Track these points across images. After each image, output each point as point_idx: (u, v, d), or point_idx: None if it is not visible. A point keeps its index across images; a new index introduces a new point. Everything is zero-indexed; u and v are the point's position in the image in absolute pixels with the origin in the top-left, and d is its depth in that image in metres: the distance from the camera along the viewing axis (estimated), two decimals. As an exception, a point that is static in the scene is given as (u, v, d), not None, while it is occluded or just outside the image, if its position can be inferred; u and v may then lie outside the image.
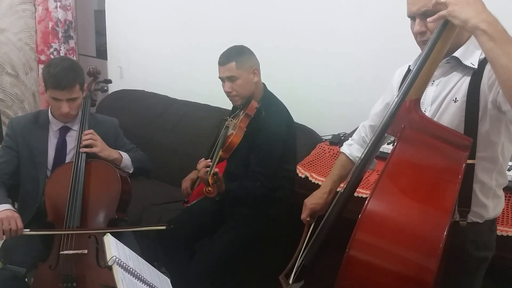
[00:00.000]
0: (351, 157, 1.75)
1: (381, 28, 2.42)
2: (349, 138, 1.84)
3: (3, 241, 2.05)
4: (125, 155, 2.19)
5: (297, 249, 1.63)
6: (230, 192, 2.06)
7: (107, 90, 2.35)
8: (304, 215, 1.71)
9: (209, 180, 1.89)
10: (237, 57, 2.12)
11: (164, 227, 1.95)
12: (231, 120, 2.14)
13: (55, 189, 2.01)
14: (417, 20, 1.37)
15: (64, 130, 2.16)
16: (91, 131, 2.09)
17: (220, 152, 2.02)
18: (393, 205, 1.22)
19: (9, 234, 1.83)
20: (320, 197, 1.72)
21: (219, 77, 2.18)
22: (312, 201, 1.72)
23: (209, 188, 1.90)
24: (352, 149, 1.76)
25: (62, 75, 1.97)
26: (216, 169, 1.92)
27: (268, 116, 2.14)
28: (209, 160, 2.02)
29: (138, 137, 3.05)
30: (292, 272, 1.58)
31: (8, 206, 1.92)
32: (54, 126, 2.15)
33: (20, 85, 4.03)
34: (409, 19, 1.42)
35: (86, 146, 2.04)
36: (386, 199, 1.23)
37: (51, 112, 2.15)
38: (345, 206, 1.42)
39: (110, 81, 2.42)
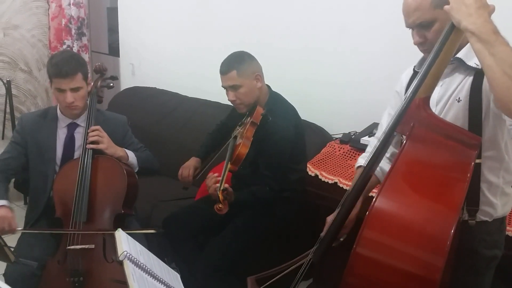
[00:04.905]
0: None
1: (391, 26, 2.37)
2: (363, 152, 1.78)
3: (18, 236, 2.08)
4: (131, 154, 2.19)
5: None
6: (240, 201, 2.03)
7: (113, 87, 2.34)
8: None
9: (220, 197, 1.83)
10: (237, 65, 2.08)
11: (154, 231, 1.93)
12: (238, 129, 2.10)
13: (63, 185, 2.03)
14: (415, 31, 1.39)
15: (72, 127, 2.17)
16: (98, 127, 2.09)
17: (229, 165, 1.96)
18: (400, 202, 1.22)
19: (1, 233, 1.83)
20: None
21: (222, 86, 2.15)
22: None
23: (220, 205, 1.84)
24: None
25: (63, 63, 1.99)
26: (226, 185, 1.88)
27: (275, 120, 2.10)
28: (216, 174, 1.96)
29: (149, 134, 3.06)
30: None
31: (4, 202, 1.94)
32: (62, 123, 2.17)
33: (33, 81, 4.08)
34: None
35: (92, 143, 2.05)
36: (394, 197, 1.22)
37: (59, 109, 2.17)
38: (353, 206, 1.42)
39: (116, 78, 2.40)
